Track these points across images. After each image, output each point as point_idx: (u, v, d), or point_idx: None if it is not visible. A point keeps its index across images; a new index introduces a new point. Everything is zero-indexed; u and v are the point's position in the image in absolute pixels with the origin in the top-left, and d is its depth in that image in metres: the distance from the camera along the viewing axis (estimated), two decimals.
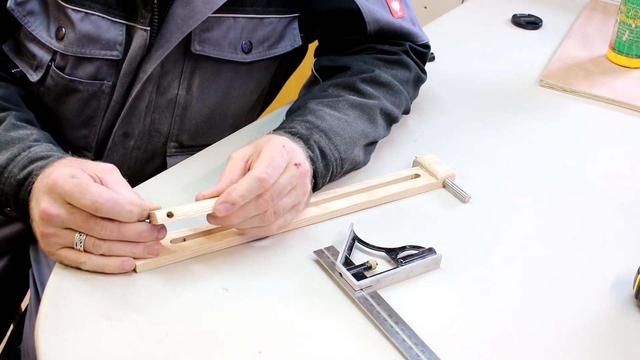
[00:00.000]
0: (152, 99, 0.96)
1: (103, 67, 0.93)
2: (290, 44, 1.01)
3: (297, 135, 0.84)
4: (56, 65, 0.94)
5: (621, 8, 1.27)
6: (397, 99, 0.98)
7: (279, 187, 0.75)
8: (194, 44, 0.93)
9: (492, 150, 1.02)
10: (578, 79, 1.23)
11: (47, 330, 0.67)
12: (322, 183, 0.86)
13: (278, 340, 0.69)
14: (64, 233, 0.72)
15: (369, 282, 0.75)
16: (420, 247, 0.80)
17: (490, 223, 0.87)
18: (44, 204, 0.72)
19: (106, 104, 0.95)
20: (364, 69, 0.98)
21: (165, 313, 0.70)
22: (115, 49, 0.92)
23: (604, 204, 0.93)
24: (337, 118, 0.89)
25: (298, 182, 0.78)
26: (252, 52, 0.98)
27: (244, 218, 0.75)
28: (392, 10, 1.02)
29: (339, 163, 0.87)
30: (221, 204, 0.73)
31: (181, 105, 0.98)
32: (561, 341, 0.72)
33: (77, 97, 0.95)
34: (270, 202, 0.75)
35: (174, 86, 0.96)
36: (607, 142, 1.08)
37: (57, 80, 0.94)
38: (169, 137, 1.00)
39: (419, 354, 0.68)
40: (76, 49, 0.92)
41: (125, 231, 0.72)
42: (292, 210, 0.79)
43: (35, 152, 0.79)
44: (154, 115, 0.97)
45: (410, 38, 1.04)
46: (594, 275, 0.81)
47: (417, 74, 1.04)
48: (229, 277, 0.75)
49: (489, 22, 1.46)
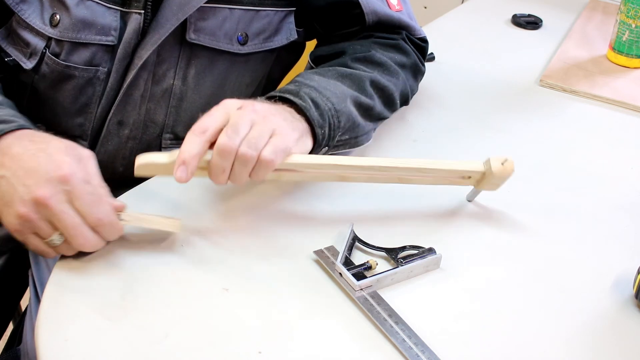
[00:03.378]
0: (147, 88, 0.96)
1: (98, 52, 0.94)
2: (287, 38, 1.02)
3: (286, 91, 0.83)
4: (51, 52, 0.94)
5: (621, 8, 1.27)
6: (394, 79, 0.97)
7: (231, 126, 0.75)
8: (189, 32, 0.94)
9: (492, 150, 1.02)
10: (578, 79, 1.23)
11: (47, 330, 0.67)
12: (322, 134, 0.83)
13: (278, 340, 0.69)
14: (45, 225, 0.72)
15: (369, 282, 0.75)
16: (420, 247, 0.80)
17: (490, 223, 0.87)
18: (46, 190, 0.71)
19: (101, 90, 0.96)
20: (359, 50, 0.98)
21: (165, 313, 0.70)
22: (110, 35, 0.93)
23: (604, 203, 0.93)
24: (326, 80, 0.89)
25: (254, 117, 0.76)
26: (247, 44, 0.98)
27: (222, 170, 0.75)
28: (389, 4, 1.03)
29: (334, 114, 0.84)
30: (176, 169, 0.73)
31: (177, 96, 0.98)
32: (561, 341, 0.72)
33: (72, 84, 0.95)
34: (230, 141, 0.73)
35: (170, 76, 0.96)
36: (607, 142, 1.08)
37: (52, 67, 0.95)
38: (164, 128, 1.00)
39: (419, 354, 0.68)
40: (71, 34, 0.92)
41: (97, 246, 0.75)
42: (275, 135, 0.76)
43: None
44: (149, 104, 0.97)
45: (408, 30, 1.05)
46: (594, 275, 0.81)
47: (415, 62, 1.04)
48: (229, 277, 0.75)
49: (489, 22, 1.46)
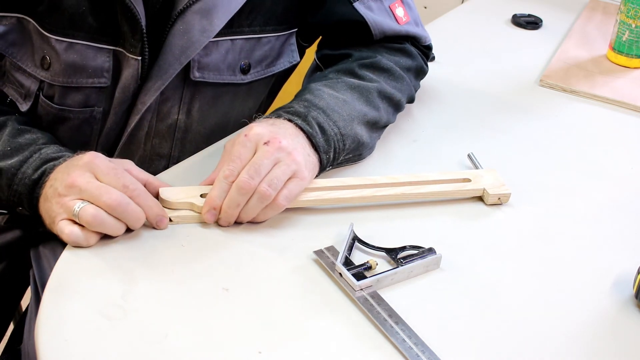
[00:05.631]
0: (152, 126, 0.95)
1: (92, 94, 0.92)
2: (289, 61, 1.01)
3: (295, 113, 0.85)
4: (45, 94, 0.92)
5: (621, 8, 1.27)
6: (399, 84, 0.99)
7: (254, 165, 0.78)
8: (194, 71, 0.92)
9: (492, 150, 1.02)
10: (578, 79, 1.23)
11: (47, 330, 0.67)
12: (327, 159, 0.86)
13: (278, 340, 0.69)
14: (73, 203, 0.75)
15: (369, 282, 0.75)
16: (420, 247, 0.80)
17: (491, 223, 0.87)
18: (75, 175, 0.76)
19: (99, 129, 0.95)
20: (365, 55, 0.98)
21: (165, 313, 0.70)
22: (102, 77, 0.90)
23: (604, 203, 0.93)
24: (335, 97, 0.90)
25: (279, 156, 0.79)
26: (250, 72, 0.97)
27: (237, 205, 0.78)
28: (397, 18, 1.02)
29: (339, 138, 0.87)
30: (206, 213, 0.79)
31: (182, 129, 0.97)
32: (561, 341, 0.72)
33: (68, 125, 0.94)
34: (252, 180, 0.77)
35: (174, 112, 0.95)
36: (607, 142, 1.08)
37: (47, 110, 0.93)
38: (170, 160, 0.99)
39: (419, 354, 0.68)
40: (63, 79, 0.90)
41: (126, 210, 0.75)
42: (293, 179, 0.80)
43: (47, 153, 0.83)
44: (155, 140, 0.97)
45: (414, 40, 1.05)
46: (594, 275, 0.81)
47: (420, 65, 1.05)
48: (229, 277, 0.75)
49: (489, 22, 1.46)
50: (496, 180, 0.91)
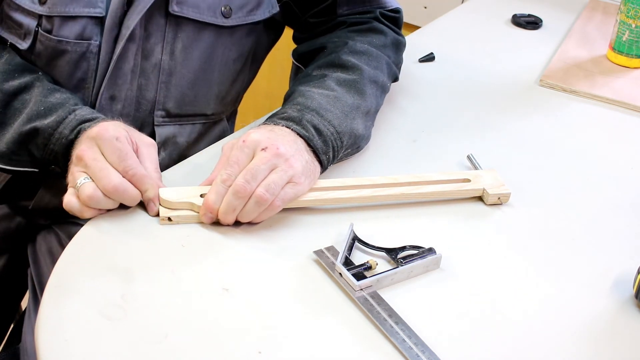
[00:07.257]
0: (137, 63, 0.97)
1: (88, 25, 0.95)
2: (269, 11, 1.04)
3: (290, 119, 0.87)
4: (43, 29, 0.95)
5: (621, 8, 1.27)
6: (379, 64, 1.02)
7: (251, 169, 0.80)
8: (172, 4, 0.95)
9: (492, 150, 1.02)
10: (578, 78, 1.23)
11: (47, 330, 0.67)
12: (327, 159, 0.88)
13: (278, 340, 0.69)
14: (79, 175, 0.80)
15: (369, 282, 0.75)
16: (420, 247, 0.80)
17: (490, 223, 0.87)
18: (83, 147, 0.81)
19: (95, 64, 0.97)
20: (339, 44, 1.02)
21: (165, 313, 0.70)
22: (97, 6, 0.94)
23: (603, 203, 0.93)
24: (326, 95, 0.92)
25: (276, 162, 0.81)
26: (232, 17, 1.00)
27: (233, 209, 0.80)
28: None
29: (336, 137, 0.89)
30: (203, 215, 0.81)
31: (166, 71, 0.99)
32: (561, 341, 0.72)
33: (66, 59, 0.96)
34: (248, 185, 0.79)
35: (158, 50, 0.97)
36: (607, 142, 1.08)
37: (45, 44, 0.96)
38: (156, 105, 1.00)
39: (419, 354, 0.68)
40: (60, 9, 0.94)
41: (122, 196, 0.79)
42: (290, 184, 0.82)
43: (81, 114, 0.87)
44: (140, 80, 0.98)
45: (379, 3, 1.09)
46: (594, 275, 0.81)
47: (394, 38, 1.08)
48: (229, 277, 0.75)
49: (489, 22, 1.46)
50: (496, 180, 0.91)
